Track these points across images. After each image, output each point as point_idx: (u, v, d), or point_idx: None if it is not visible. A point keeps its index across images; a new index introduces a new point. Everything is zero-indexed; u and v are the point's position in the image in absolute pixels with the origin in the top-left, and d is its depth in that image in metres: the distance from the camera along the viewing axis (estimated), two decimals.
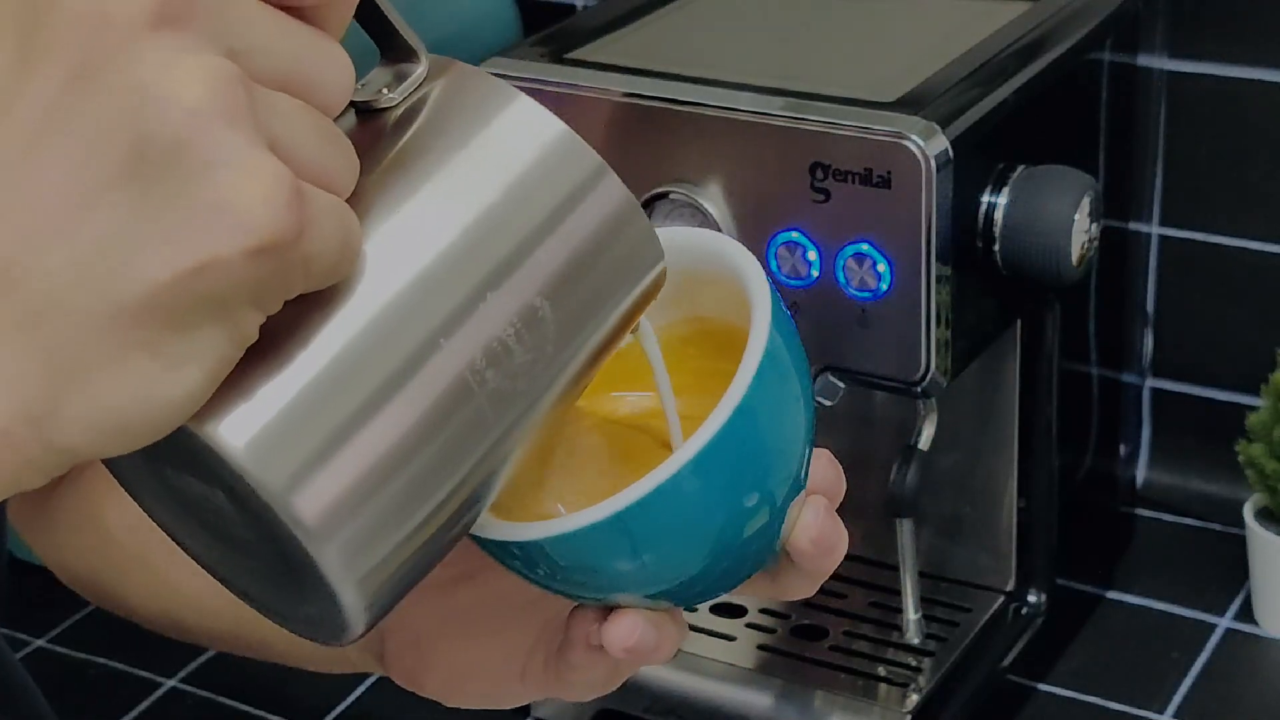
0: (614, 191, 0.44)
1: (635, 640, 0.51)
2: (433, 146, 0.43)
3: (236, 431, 0.39)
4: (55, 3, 0.37)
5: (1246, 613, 1.15)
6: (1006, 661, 1.09)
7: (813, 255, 0.90)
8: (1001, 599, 1.11)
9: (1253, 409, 1.12)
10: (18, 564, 1.25)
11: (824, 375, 0.93)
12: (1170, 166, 1.20)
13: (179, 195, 0.37)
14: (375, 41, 0.44)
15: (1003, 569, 1.11)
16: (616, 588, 0.50)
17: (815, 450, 0.52)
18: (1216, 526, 1.23)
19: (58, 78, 0.37)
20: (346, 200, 0.40)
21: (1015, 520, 1.09)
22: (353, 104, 0.43)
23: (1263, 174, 1.18)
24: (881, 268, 0.89)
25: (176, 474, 0.42)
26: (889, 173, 0.87)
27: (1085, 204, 0.92)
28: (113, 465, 0.44)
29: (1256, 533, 1.12)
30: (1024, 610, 1.11)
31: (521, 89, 0.45)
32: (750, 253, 0.52)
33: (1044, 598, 1.11)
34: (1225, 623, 1.15)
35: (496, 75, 0.45)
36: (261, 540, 0.42)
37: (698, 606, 1.07)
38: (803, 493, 0.51)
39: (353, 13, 0.41)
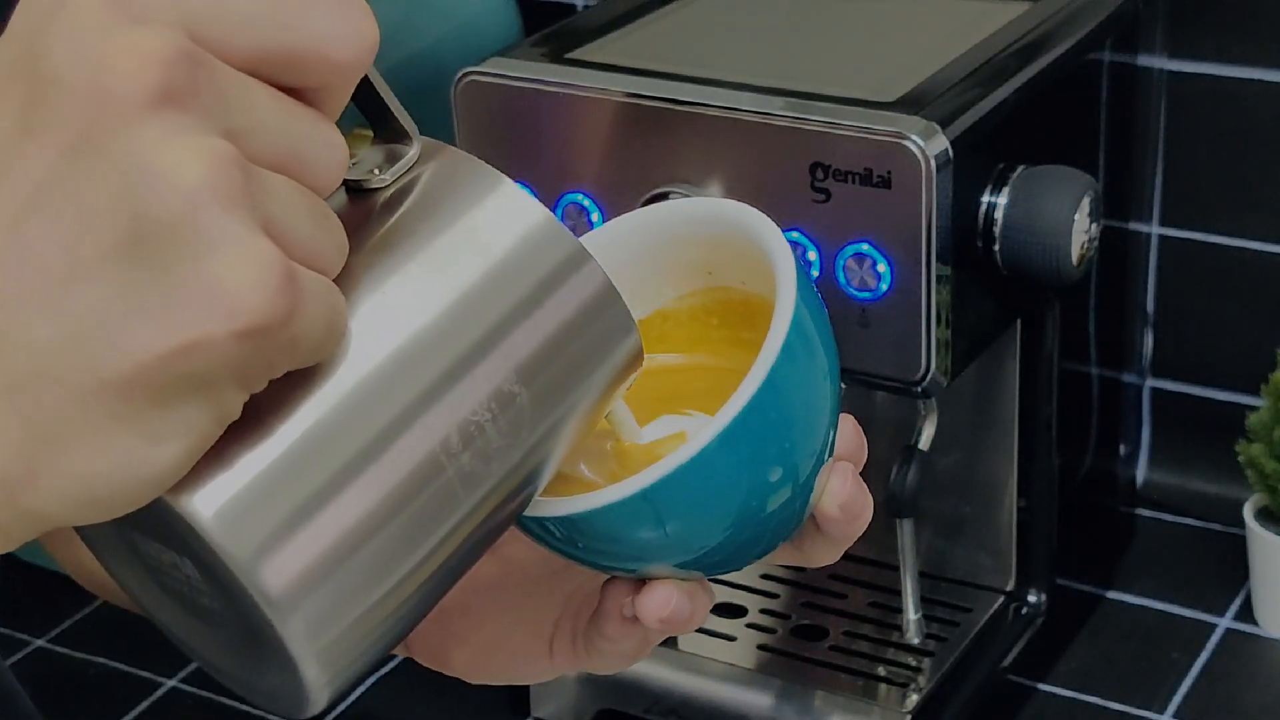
0: (593, 277, 0.45)
1: (670, 610, 0.51)
2: (419, 229, 0.43)
3: (205, 501, 0.39)
4: (57, 76, 0.37)
5: (1246, 613, 1.16)
6: (1006, 661, 1.09)
7: (813, 255, 0.90)
8: (1001, 599, 1.11)
9: (1253, 409, 1.12)
10: (18, 564, 1.25)
11: None
12: (1170, 166, 1.20)
13: (170, 273, 0.37)
14: (369, 121, 0.44)
15: (1003, 569, 1.11)
16: (647, 559, 0.51)
17: (841, 416, 0.52)
18: (1216, 526, 1.23)
19: (54, 150, 0.37)
20: (334, 278, 0.41)
21: (1015, 520, 1.09)
22: (345, 182, 0.44)
23: (1263, 174, 1.18)
24: (881, 268, 0.89)
25: (145, 540, 0.43)
26: (889, 173, 0.87)
27: (1085, 204, 0.92)
28: (82, 528, 0.44)
29: (1256, 533, 1.12)
30: (1024, 610, 1.11)
31: (521, 89, 0.45)
32: (774, 224, 0.52)
33: (1044, 598, 1.11)
34: (1225, 623, 1.15)
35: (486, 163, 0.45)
36: (226, 610, 0.42)
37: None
38: (830, 460, 0.52)
39: (350, 95, 0.42)
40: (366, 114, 0.44)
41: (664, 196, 0.93)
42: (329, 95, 0.41)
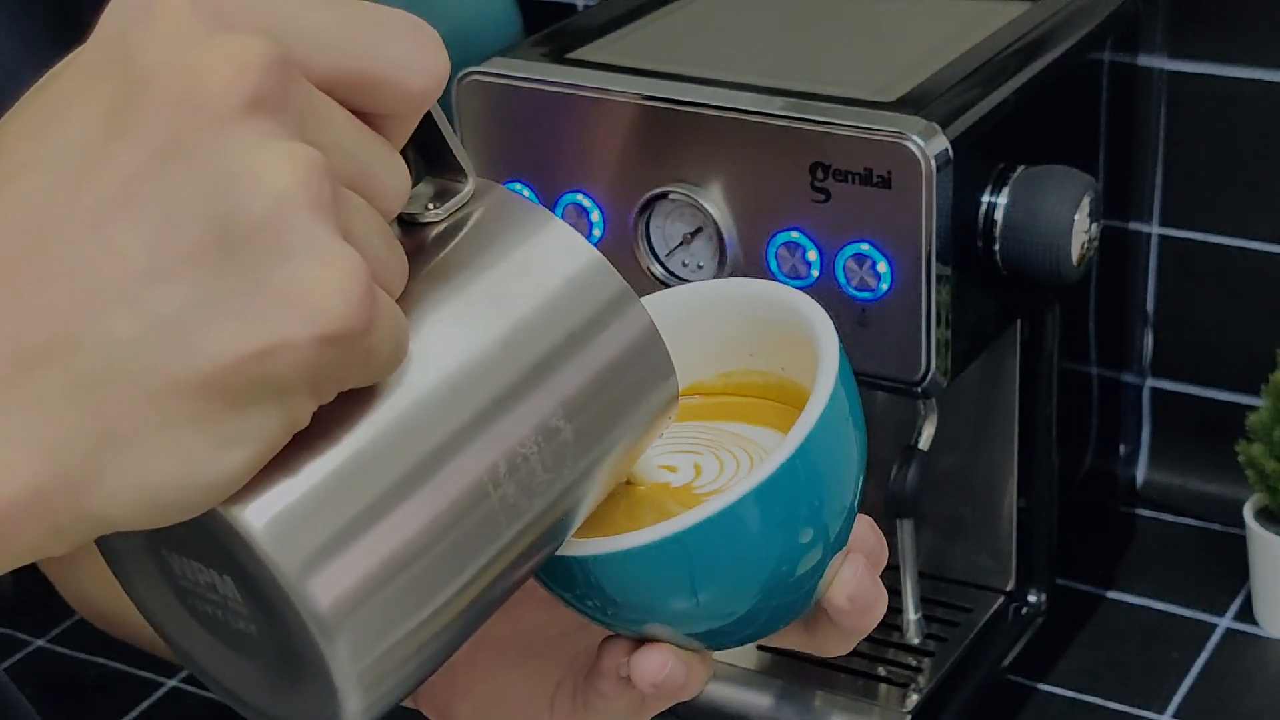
0: (638, 318, 0.46)
1: (664, 675, 0.51)
2: (471, 263, 0.44)
3: (257, 512, 0.39)
4: (149, 78, 0.37)
5: (1246, 613, 1.16)
6: (1006, 661, 1.09)
7: (813, 255, 0.90)
8: (1001, 599, 1.11)
9: (1253, 409, 1.12)
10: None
11: None
12: (1170, 166, 1.20)
13: (256, 276, 0.37)
14: (424, 156, 0.45)
15: (1003, 569, 1.11)
16: (656, 618, 0.51)
17: (859, 515, 0.53)
18: (1216, 526, 1.23)
19: (144, 150, 0.37)
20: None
21: (1015, 520, 1.09)
22: (399, 215, 0.45)
23: (1263, 174, 1.18)
24: (881, 268, 0.89)
25: (181, 559, 0.43)
26: (889, 173, 0.87)
27: (1085, 204, 0.92)
28: (106, 543, 0.44)
29: (1256, 533, 1.12)
30: (1024, 610, 1.11)
31: (521, 89, 0.45)
32: (825, 313, 0.53)
33: (1044, 598, 1.11)
34: (1225, 623, 1.15)
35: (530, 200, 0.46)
36: (264, 632, 0.42)
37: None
38: (844, 550, 0.52)
39: (415, 126, 0.42)
40: (422, 147, 0.44)
41: (664, 197, 0.93)
42: (397, 123, 0.41)
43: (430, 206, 0.45)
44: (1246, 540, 1.14)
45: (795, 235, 0.90)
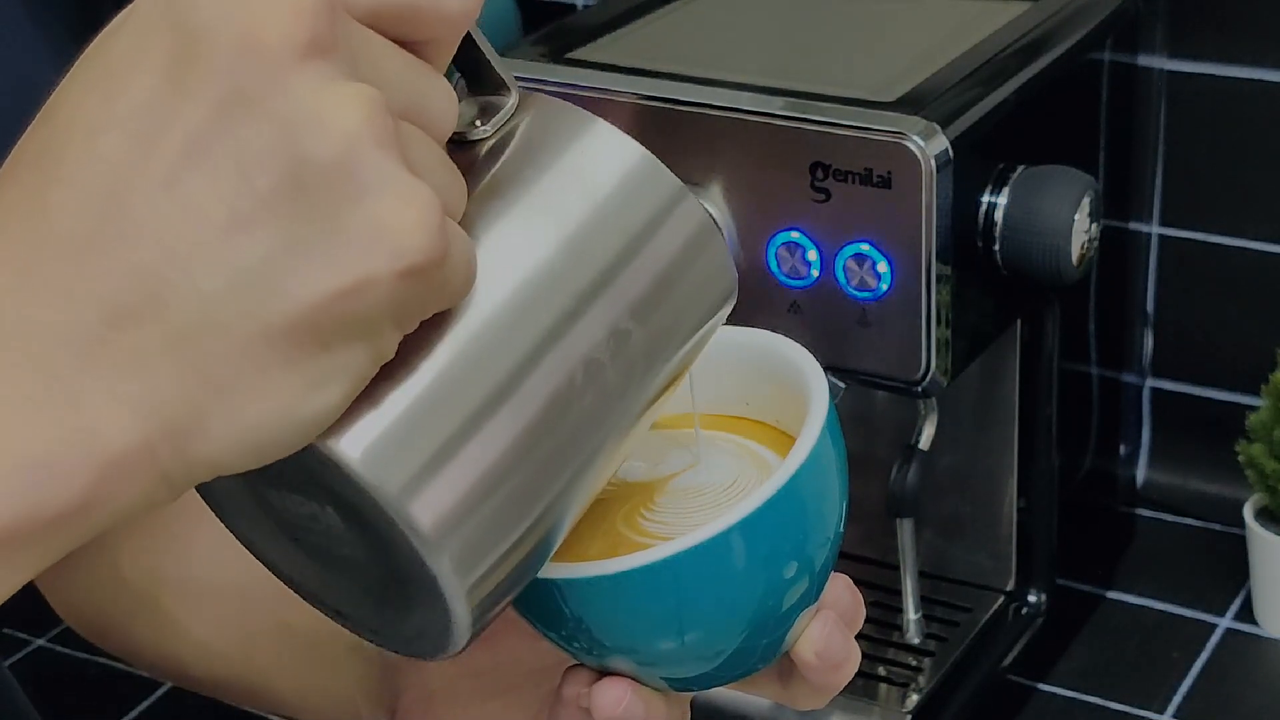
0: (694, 213, 0.46)
1: (621, 710, 0.51)
2: (524, 175, 0.44)
3: (352, 442, 0.40)
4: (205, 31, 0.38)
5: (1246, 613, 1.16)
6: (1006, 661, 1.09)
7: (813, 255, 0.90)
8: (1001, 599, 1.11)
9: (1253, 409, 1.12)
10: None
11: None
12: (1170, 166, 1.20)
13: (333, 217, 0.38)
14: (465, 75, 0.45)
15: (1003, 569, 1.11)
16: (620, 650, 0.50)
17: (835, 575, 0.53)
18: (1216, 526, 1.23)
19: (208, 103, 0.38)
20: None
21: (1015, 520, 1.09)
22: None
23: (1263, 174, 1.18)
24: (881, 268, 0.89)
25: (279, 494, 0.44)
26: (889, 173, 0.87)
27: (1085, 204, 0.92)
28: (206, 488, 0.44)
29: (1256, 533, 1.12)
30: (1024, 610, 1.11)
31: (521, 89, 0.46)
32: (819, 367, 0.53)
33: (1044, 598, 1.11)
34: (1225, 623, 1.15)
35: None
36: (369, 555, 0.43)
37: None
38: (814, 606, 0.52)
39: (456, 47, 0.43)
40: (463, 66, 0.45)
41: None
42: (438, 48, 0.42)
43: (478, 124, 0.45)
44: (1246, 540, 1.14)
45: (795, 235, 0.90)
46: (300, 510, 0.44)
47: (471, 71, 0.45)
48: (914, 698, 1.04)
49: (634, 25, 1.04)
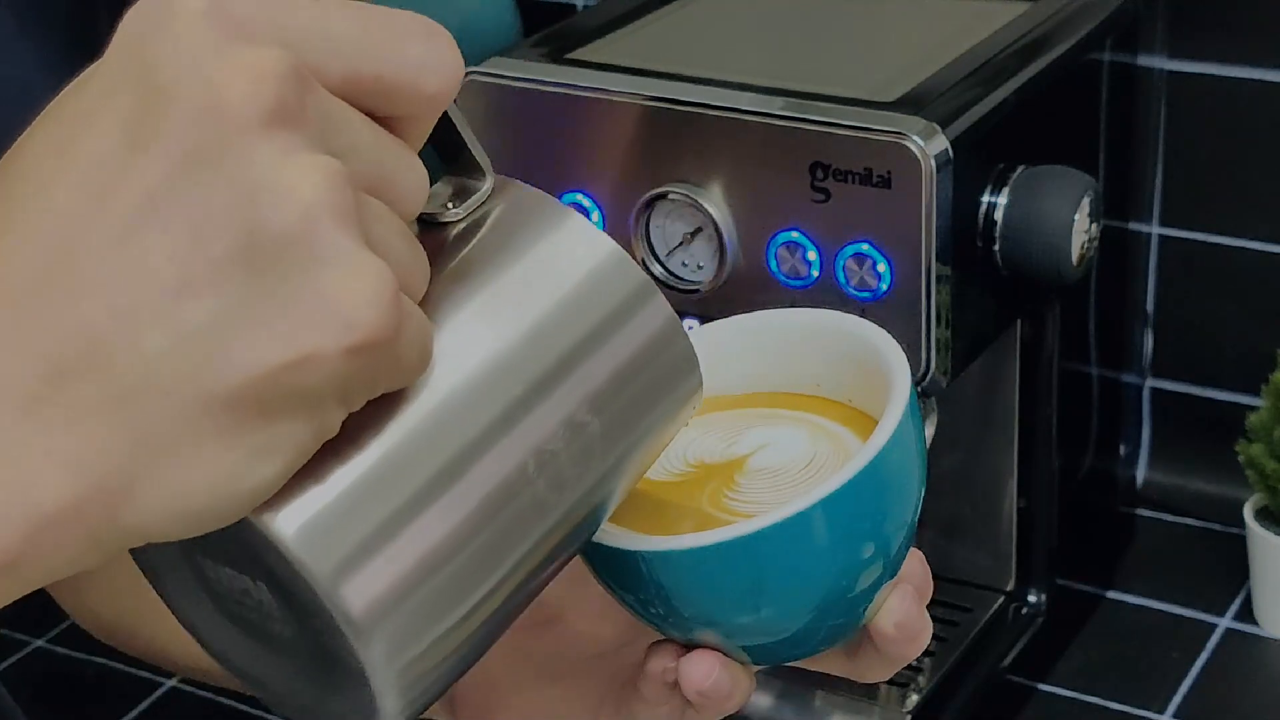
0: (659, 311, 0.46)
1: (711, 682, 0.51)
2: (492, 261, 0.44)
3: (288, 519, 0.39)
4: (168, 90, 0.37)
5: (1246, 613, 1.16)
6: (1006, 661, 1.09)
7: (813, 255, 0.90)
8: (1001, 599, 1.11)
9: (1253, 409, 1.12)
10: None
11: None
12: (1170, 166, 1.20)
13: (284, 287, 0.37)
14: (441, 155, 0.45)
15: (1003, 569, 1.11)
16: (712, 623, 0.51)
17: (911, 549, 0.53)
18: (1216, 526, 1.23)
19: (166, 162, 0.37)
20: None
21: (1015, 520, 1.09)
22: (419, 215, 0.45)
23: (1263, 174, 1.18)
24: (881, 268, 0.89)
25: (215, 566, 0.43)
26: (889, 173, 0.87)
27: (1085, 204, 0.92)
28: (142, 554, 0.44)
29: (1256, 533, 1.12)
30: (1024, 610, 1.11)
31: (522, 89, 0.45)
32: (887, 334, 0.53)
33: (1044, 598, 1.11)
34: (1225, 623, 1.15)
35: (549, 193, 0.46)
36: (300, 635, 0.42)
37: None
38: (894, 579, 0.52)
39: (432, 127, 0.42)
40: (440, 145, 0.44)
41: (664, 197, 0.93)
42: (414, 125, 0.41)
43: (449, 205, 0.45)
44: (1246, 540, 1.14)
45: (795, 235, 0.90)
46: (234, 584, 0.43)
47: (448, 151, 0.45)
48: (914, 698, 1.04)
49: (634, 25, 1.04)
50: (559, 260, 0.44)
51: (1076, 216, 0.92)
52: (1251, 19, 1.15)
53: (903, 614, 0.52)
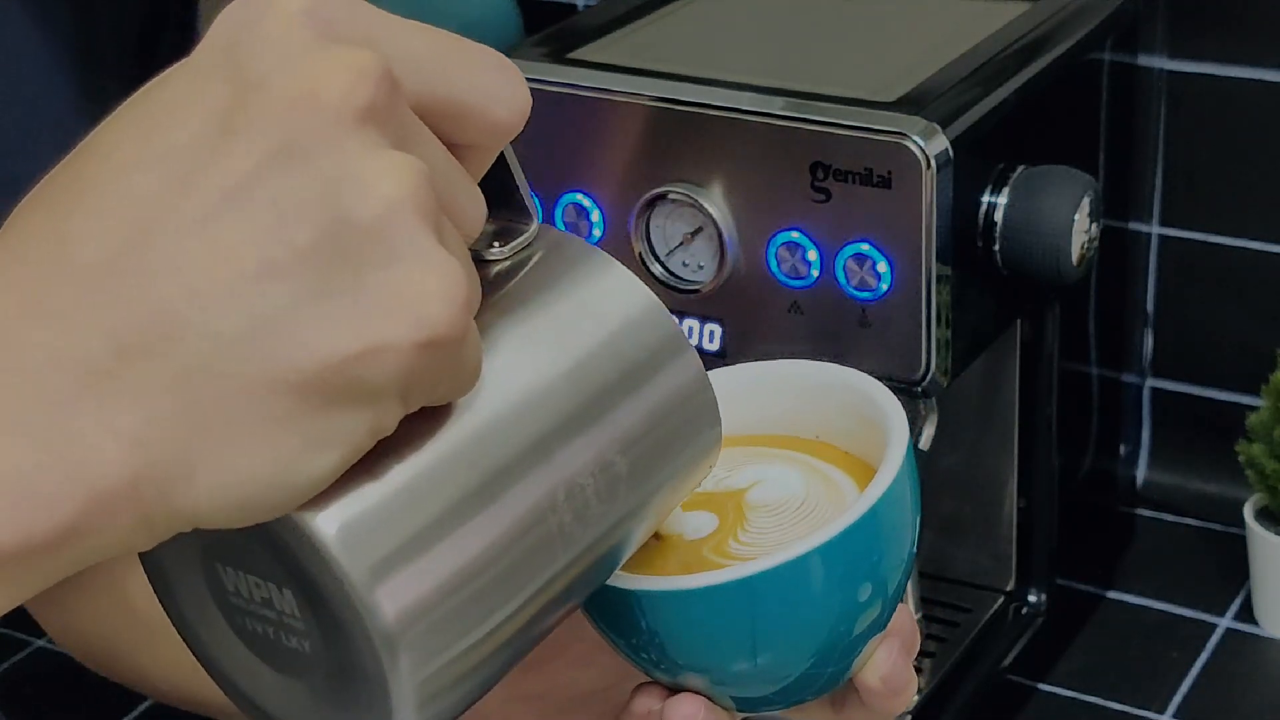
0: (690, 362, 0.47)
1: None
2: (534, 300, 0.45)
3: (329, 518, 0.40)
4: (264, 83, 0.38)
5: (1246, 613, 1.16)
6: (1006, 661, 1.09)
7: (813, 255, 0.90)
8: (1001, 599, 1.11)
9: (1253, 409, 1.12)
10: None
11: None
12: (1170, 166, 1.20)
13: (362, 279, 0.38)
14: (489, 193, 0.45)
15: (1003, 569, 1.11)
16: (703, 669, 0.51)
17: (900, 604, 0.54)
18: (1216, 526, 1.23)
19: (257, 151, 0.38)
20: None
21: (1015, 520, 1.09)
22: None
23: (1263, 174, 1.18)
24: (881, 268, 0.89)
25: (235, 573, 0.43)
26: (889, 173, 0.87)
27: (1085, 204, 0.92)
28: (154, 556, 0.44)
29: (1256, 533, 1.12)
30: (1024, 610, 1.11)
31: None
32: (885, 387, 0.54)
33: (1044, 598, 1.11)
34: (1225, 623, 1.15)
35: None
36: (316, 647, 0.42)
37: None
38: (882, 633, 0.52)
39: (493, 159, 0.43)
40: (490, 184, 0.45)
41: (664, 197, 0.93)
42: (478, 155, 0.42)
43: (495, 245, 0.45)
44: (1246, 540, 1.14)
45: (795, 235, 0.90)
46: (254, 593, 0.43)
47: (496, 191, 0.45)
48: (914, 698, 1.04)
49: (634, 25, 1.04)
50: (598, 304, 0.46)
51: (1076, 216, 0.92)
52: (1251, 19, 1.15)
53: (889, 667, 0.52)
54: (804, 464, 0.55)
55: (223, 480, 0.38)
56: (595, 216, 0.96)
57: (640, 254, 0.95)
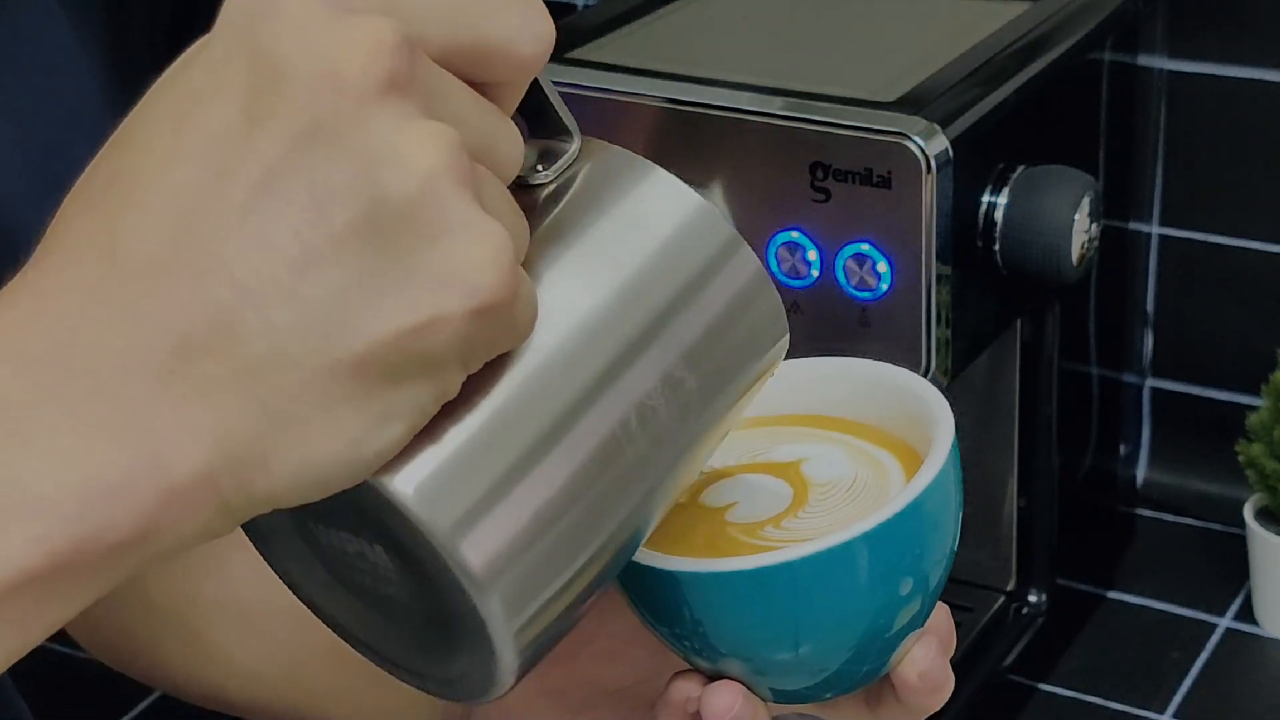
0: (748, 263, 0.46)
1: (733, 713, 0.51)
2: (583, 221, 0.45)
3: (406, 479, 0.40)
4: (284, 65, 0.38)
5: (1246, 613, 1.16)
6: (1007, 661, 1.09)
7: (813, 255, 0.90)
8: (1001, 599, 1.11)
9: (1253, 409, 1.12)
10: None
11: None
12: (1170, 166, 1.20)
13: (408, 254, 0.38)
14: (528, 118, 0.45)
15: (1003, 569, 1.11)
16: (744, 656, 0.51)
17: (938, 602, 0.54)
18: (1216, 526, 1.23)
19: (285, 137, 0.38)
20: None
21: (1015, 520, 1.09)
22: None
23: (1263, 174, 1.18)
24: (881, 268, 0.89)
25: (327, 530, 0.43)
26: (889, 173, 0.87)
27: (1085, 204, 0.92)
28: (253, 524, 0.44)
29: (1256, 533, 1.12)
30: (1024, 610, 1.11)
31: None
32: (933, 386, 0.54)
33: (1044, 598, 1.11)
34: (1225, 623, 1.15)
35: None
36: (415, 596, 0.43)
37: None
38: (920, 630, 0.53)
39: (524, 92, 0.43)
40: (527, 110, 0.45)
41: None
42: (508, 91, 0.42)
43: (539, 169, 0.45)
44: (1246, 540, 1.14)
45: (795, 235, 0.90)
46: (347, 548, 0.43)
47: (535, 116, 0.45)
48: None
49: (634, 25, 1.04)
50: (649, 216, 0.45)
51: (1076, 216, 0.92)
52: (1251, 19, 1.15)
53: (927, 664, 0.52)
54: (844, 443, 0.55)
55: (296, 463, 0.38)
56: None
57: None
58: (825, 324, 0.91)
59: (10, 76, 0.60)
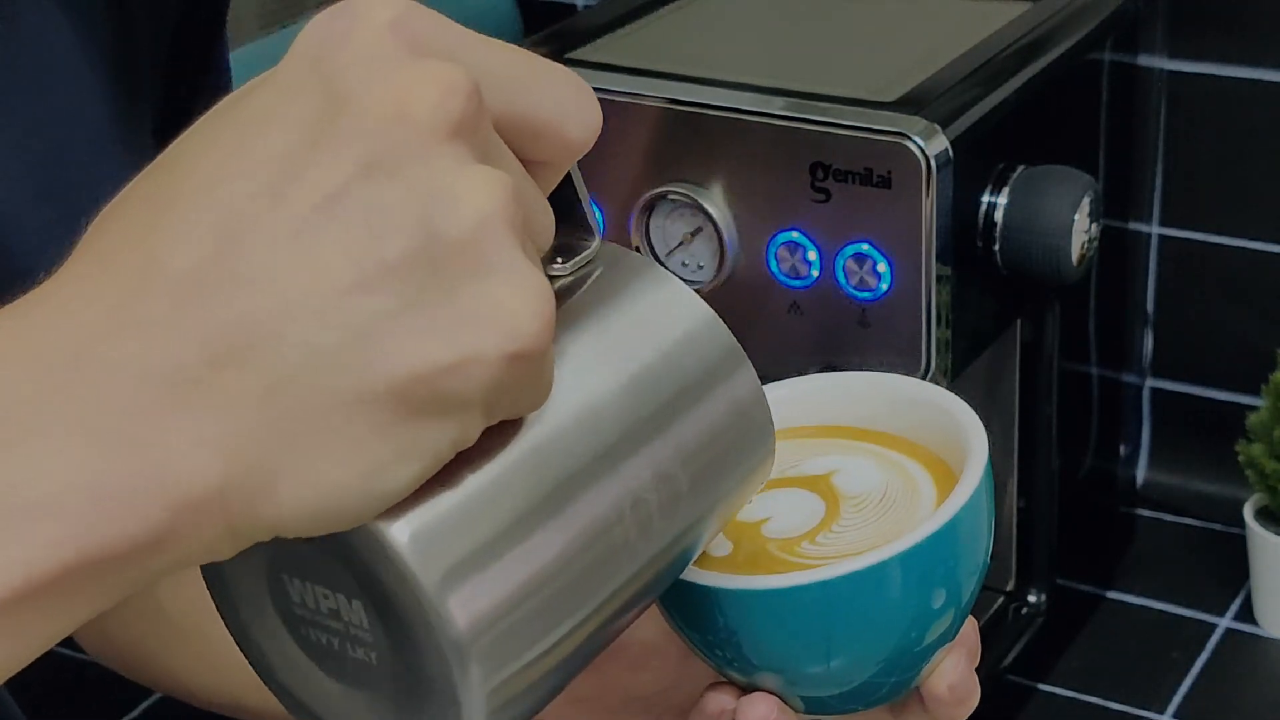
0: (747, 378, 0.47)
1: None
2: (596, 314, 0.46)
3: (402, 525, 0.40)
4: (354, 96, 0.38)
5: (1246, 613, 1.16)
6: (1007, 661, 1.09)
7: (813, 255, 0.90)
8: (1001, 599, 1.11)
9: (1253, 409, 1.12)
10: None
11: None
12: (1170, 166, 1.20)
13: (453, 291, 0.38)
14: (554, 209, 0.46)
15: (1003, 569, 1.11)
16: (777, 669, 0.51)
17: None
18: (1216, 526, 1.23)
19: (349, 164, 0.38)
20: None
21: (1015, 520, 1.09)
22: None
23: (1263, 174, 1.18)
24: (881, 268, 0.89)
25: (302, 583, 0.43)
26: (889, 173, 0.87)
27: (1085, 204, 0.92)
28: (217, 569, 0.44)
29: (1256, 533, 1.12)
30: (1024, 610, 1.11)
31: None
32: (967, 405, 0.55)
33: (1044, 598, 1.11)
34: (1225, 623, 1.15)
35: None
36: (384, 657, 0.42)
37: None
38: (951, 643, 0.53)
39: (561, 178, 0.43)
40: (557, 199, 0.45)
41: (664, 197, 0.93)
42: (548, 171, 0.43)
43: (558, 260, 0.46)
44: (1246, 540, 1.14)
45: (795, 235, 0.90)
46: (320, 604, 0.43)
47: (560, 207, 0.45)
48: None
49: (634, 25, 1.04)
50: (659, 319, 0.46)
51: (1076, 216, 0.92)
52: (1251, 19, 1.15)
53: (956, 676, 0.53)
54: (880, 455, 0.55)
55: (309, 491, 0.38)
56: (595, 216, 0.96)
57: (640, 254, 0.95)
58: (825, 324, 0.91)
59: (13, 82, 0.60)
